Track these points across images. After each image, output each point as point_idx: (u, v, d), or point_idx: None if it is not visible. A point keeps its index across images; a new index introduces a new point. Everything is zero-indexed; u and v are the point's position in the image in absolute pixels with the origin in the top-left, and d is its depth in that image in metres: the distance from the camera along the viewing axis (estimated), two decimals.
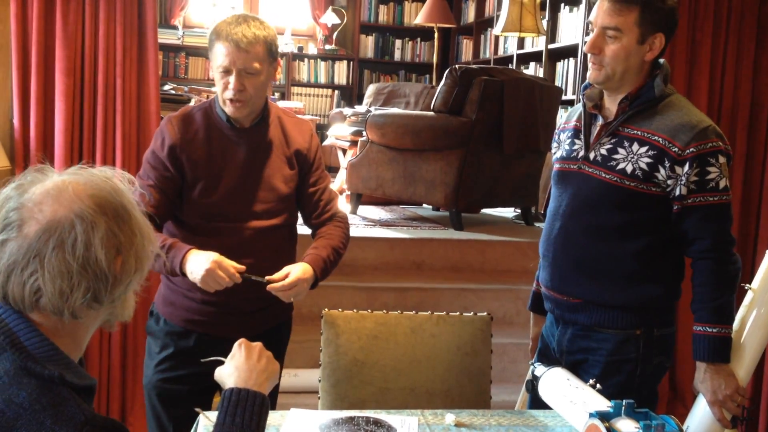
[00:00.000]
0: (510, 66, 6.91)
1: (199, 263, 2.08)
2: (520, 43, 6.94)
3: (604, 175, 2.08)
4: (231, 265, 2.10)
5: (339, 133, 6.42)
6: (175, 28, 8.24)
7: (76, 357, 1.31)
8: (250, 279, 2.12)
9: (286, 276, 2.16)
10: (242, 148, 2.28)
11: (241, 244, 2.25)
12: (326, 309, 2.39)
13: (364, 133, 5.02)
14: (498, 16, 6.36)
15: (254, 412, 1.43)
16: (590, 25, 2.09)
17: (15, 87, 3.32)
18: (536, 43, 6.66)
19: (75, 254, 1.22)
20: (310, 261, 2.24)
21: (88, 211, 1.24)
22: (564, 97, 5.61)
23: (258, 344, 1.59)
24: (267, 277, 2.15)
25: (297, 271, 2.18)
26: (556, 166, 2.25)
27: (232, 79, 2.18)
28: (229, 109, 2.24)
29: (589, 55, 2.09)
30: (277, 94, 8.56)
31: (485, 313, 2.46)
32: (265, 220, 2.30)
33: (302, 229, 2.47)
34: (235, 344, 1.58)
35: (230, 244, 2.23)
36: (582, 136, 2.17)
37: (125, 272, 1.29)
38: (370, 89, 7.10)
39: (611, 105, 2.13)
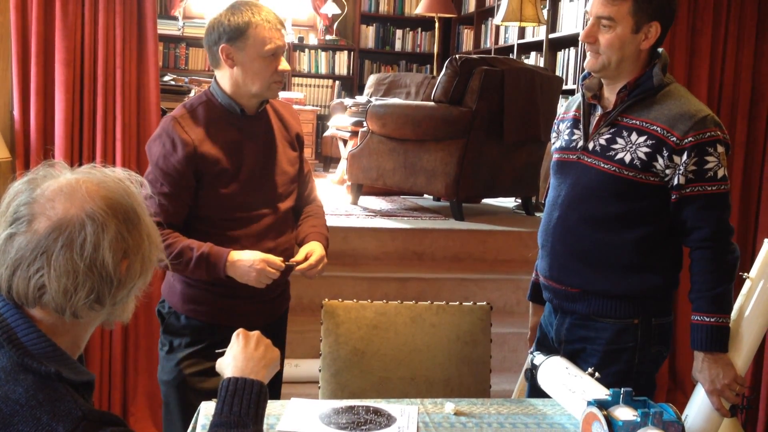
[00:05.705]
0: (511, 56, 6.89)
1: (248, 266, 2.16)
2: (521, 32, 6.92)
3: (602, 164, 2.08)
4: (275, 259, 2.19)
5: (340, 123, 6.42)
6: (175, 18, 8.23)
7: (75, 354, 1.31)
8: (288, 266, 2.24)
9: (308, 256, 2.27)
10: (255, 135, 2.30)
11: (263, 230, 2.29)
12: (326, 299, 2.40)
13: (365, 124, 5.02)
14: (498, 6, 6.34)
15: (251, 401, 1.44)
16: (586, 15, 2.10)
17: (15, 78, 3.32)
18: (537, 33, 6.65)
19: (83, 254, 1.22)
20: (317, 239, 2.34)
21: (99, 212, 1.24)
22: (564, 87, 5.61)
23: (256, 333, 1.59)
24: (292, 260, 2.27)
25: (318, 249, 2.30)
26: (555, 156, 2.26)
27: (283, 59, 2.25)
28: (273, 92, 2.28)
29: (585, 44, 2.10)
30: None
31: (485, 303, 2.47)
32: (283, 202, 2.35)
33: None
34: (234, 334, 1.59)
35: (254, 231, 2.27)
36: (581, 126, 2.17)
37: (130, 276, 1.29)
38: (371, 79, 7.10)
39: (610, 95, 2.13)
